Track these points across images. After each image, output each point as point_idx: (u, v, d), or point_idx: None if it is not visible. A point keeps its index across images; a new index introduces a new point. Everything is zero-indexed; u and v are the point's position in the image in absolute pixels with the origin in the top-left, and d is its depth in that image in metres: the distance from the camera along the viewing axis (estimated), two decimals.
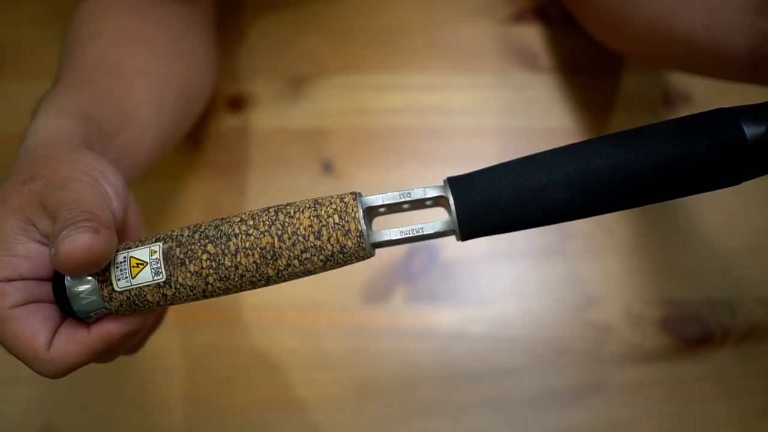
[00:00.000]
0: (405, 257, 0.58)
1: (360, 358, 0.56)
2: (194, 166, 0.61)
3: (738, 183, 0.32)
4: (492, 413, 0.54)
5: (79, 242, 0.28)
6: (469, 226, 0.31)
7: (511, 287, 0.58)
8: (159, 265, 0.30)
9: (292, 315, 0.57)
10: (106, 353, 0.33)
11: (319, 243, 0.30)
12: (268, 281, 0.31)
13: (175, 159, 0.61)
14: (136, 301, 0.31)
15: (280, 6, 0.67)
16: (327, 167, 0.61)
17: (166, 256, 0.30)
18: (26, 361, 0.31)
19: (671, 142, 0.30)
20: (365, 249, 0.30)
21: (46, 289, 0.32)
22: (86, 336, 0.31)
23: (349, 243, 0.30)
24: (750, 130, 0.30)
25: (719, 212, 0.59)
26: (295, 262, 0.30)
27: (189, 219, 0.59)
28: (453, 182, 0.31)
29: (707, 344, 0.56)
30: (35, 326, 0.31)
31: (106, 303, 0.31)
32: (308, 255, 0.30)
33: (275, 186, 0.61)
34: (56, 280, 0.31)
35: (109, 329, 0.31)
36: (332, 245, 0.30)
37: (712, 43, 0.42)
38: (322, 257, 0.30)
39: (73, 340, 0.31)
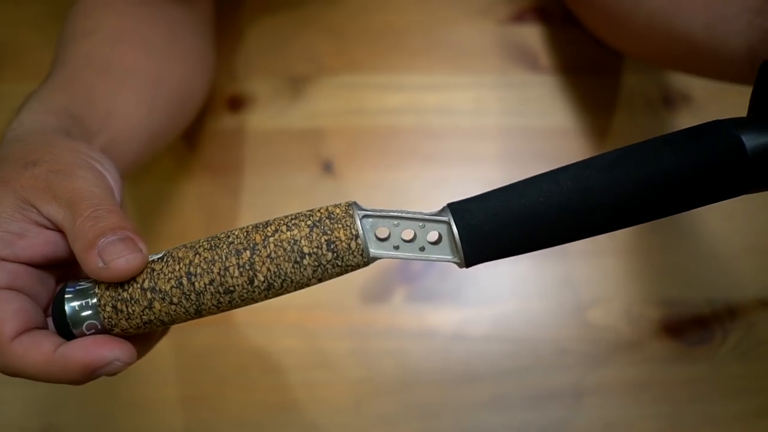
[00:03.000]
0: None
1: (359, 359, 0.56)
2: (193, 166, 0.61)
3: (738, 195, 0.32)
4: (492, 413, 0.54)
5: (132, 263, 0.30)
6: (472, 251, 0.31)
7: (511, 288, 0.58)
8: (163, 252, 0.31)
9: (291, 315, 0.57)
10: (64, 378, 0.31)
11: (308, 212, 0.32)
12: (254, 250, 0.31)
13: (174, 159, 0.61)
14: (124, 284, 0.30)
15: (279, 6, 0.67)
16: (326, 167, 0.61)
17: (173, 248, 0.32)
18: None
19: (669, 157, 0.30)
20: (351, 216, 0.31)
21: (33, 280, 0.32)
22: (50, 352, 0.30)
23: (337, 210, 0.31)
24: (749, 141, 0.30)
25: (719, 213, 0.59)
26: (283, 227, 0.31)
27: (186, 219, 0.59)
28: (454, 208, 0.31)
29: (707, 344, 0.56)
30: (4, 313, 0.30)
31: (96, 287, 0.31)
32: (296, 221, 0.31)
33: (274, 186, 0.61)
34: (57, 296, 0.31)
35: (72, 355, 0.30)
36: (320, 212, 0.31)
37: (712, 42, 0.42)
38: (309, 222, 0.31)
39: (36, 348, 0.30)
